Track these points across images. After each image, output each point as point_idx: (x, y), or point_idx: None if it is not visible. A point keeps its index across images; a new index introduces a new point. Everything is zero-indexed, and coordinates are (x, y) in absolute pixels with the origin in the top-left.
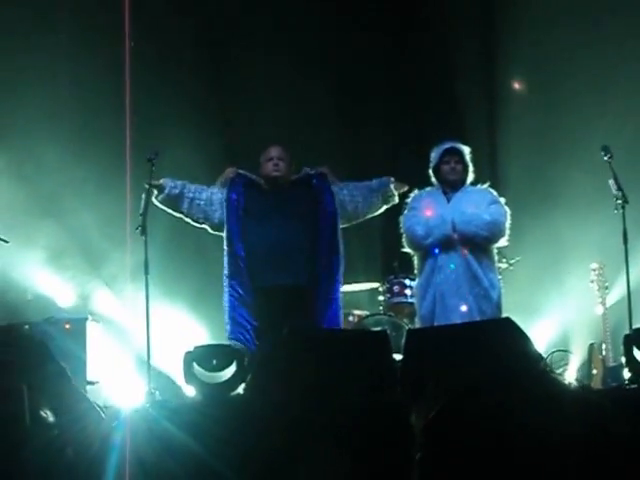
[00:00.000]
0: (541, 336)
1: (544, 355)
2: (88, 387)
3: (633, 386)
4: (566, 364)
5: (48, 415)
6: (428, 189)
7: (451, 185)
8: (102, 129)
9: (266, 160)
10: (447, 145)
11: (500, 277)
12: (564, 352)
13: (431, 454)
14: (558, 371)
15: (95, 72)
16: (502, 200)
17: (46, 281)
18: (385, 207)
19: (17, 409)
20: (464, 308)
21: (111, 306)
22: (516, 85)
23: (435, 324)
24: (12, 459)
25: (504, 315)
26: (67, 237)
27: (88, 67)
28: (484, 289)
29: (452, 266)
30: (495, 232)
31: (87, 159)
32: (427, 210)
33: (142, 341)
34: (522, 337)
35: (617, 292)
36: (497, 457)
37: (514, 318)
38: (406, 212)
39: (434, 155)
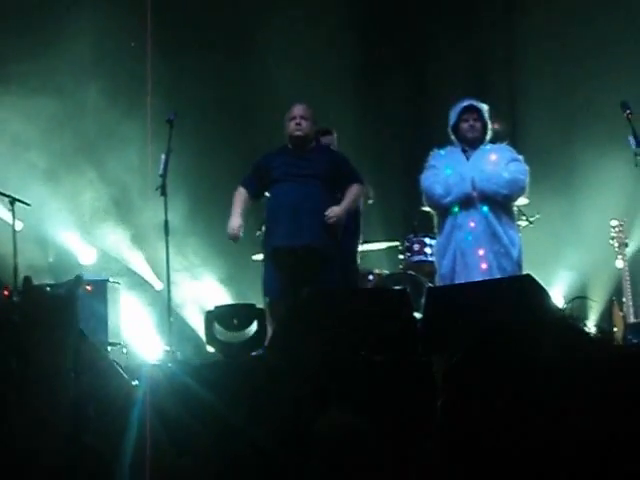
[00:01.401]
0: (561, 291)
1: (567, 310)
2: (110, 348)
3: None
4: (586, 315)
5: (71, 374)
6: (447, 148)
7: (470, 143)
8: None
9: (289, 119)
10: (466, 103)
11: (520, 234)
12: (585, 299)
13: (452, 399)
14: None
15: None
16: (521, 157)
17: (69, 239)
18: None
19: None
20: (484, 266)
21: (134, 263)
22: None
23: (455, 282)
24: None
25: (525, 272)
26: (98, 189)
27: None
28: (504, 246)
29: (472, 224)
30: (515, 190)
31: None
32: (446, 168)
33: (164, 300)
34: (543, 293)
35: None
36: (518, 400)
37: (534, 274)
38: (425, 170)
39: (452, 113)
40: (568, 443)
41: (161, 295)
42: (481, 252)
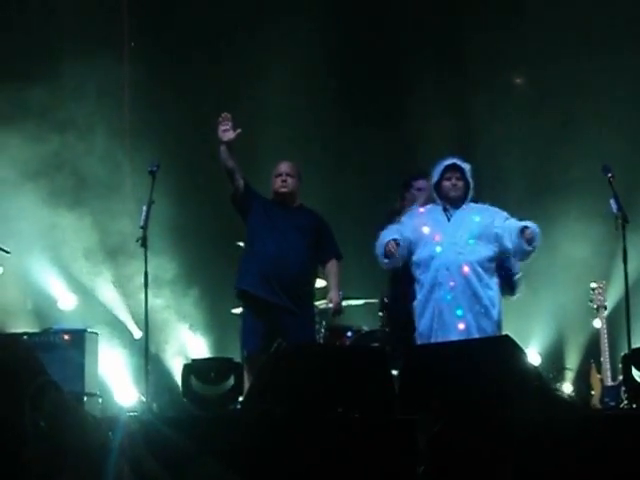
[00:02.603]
0: (539, 351)
1: (544, 371)
2: (86, 398)
3: (632, 406)
4: (563, 379)
5: (44, 426)
6: (428, 206)
7: (452, 202)
8: None
9: (275, 176)
10: (448, 162)
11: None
12: (567, 369)
13: (435, 467)
14: (556, 386)
15: None
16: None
17: (50, 285)
18: None
19: (18, 417)
20: (462, 326)
21: (115, 311)
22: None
23: (433, 341)
24: (13, 464)
25: (504, 332)
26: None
27: None
28: (484, 307)
29: (452, 283)
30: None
31: None
32: (424, 227)
33: (142, 349)
34: (521, 354)
35: (616, 312)
36: (500, 469)
37: (512, 334)
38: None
39: (435, 171)
40: None
41: (139, 344)
42: (459, 312)
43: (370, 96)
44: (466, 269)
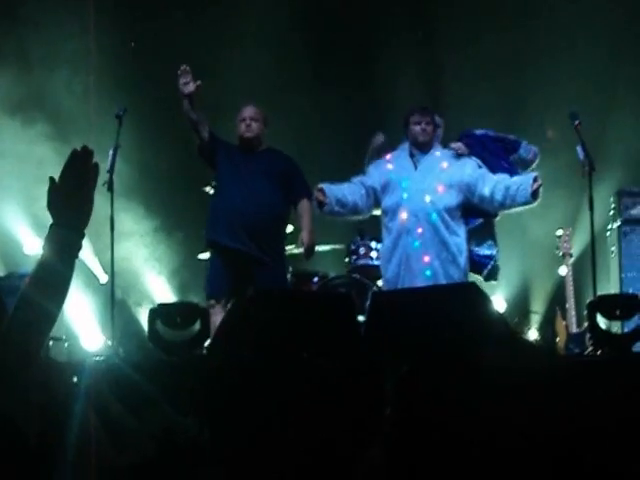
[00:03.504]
0: (504, 298)
1: (509, 318)
2: (52, 342)
3: (596, 353)
4: (529, 325)
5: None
6: (394, 153)
7: (420, 147)
8: None
9: (239, 121)
10: (418, 105)
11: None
12: (533, 313)
13: (402, 409)
14: (521, 333)
15: None
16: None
17: (15, 229)
18: None
19: None
20: (429, 273)
21: (81, 255)
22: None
23: (399, 287)
24: None
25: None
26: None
27: None
28: (452, 254)
29: (419, 230)
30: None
31: None
32: (390, 174)
33: (108, 294)
34: (486, 301)
35: (581, 259)
36: (464, 415)
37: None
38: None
39: (406, 114)
40: (513, 450)
41: (105, 289)
42: (427, 259)
43: (339, 45)
44: (434, 216)
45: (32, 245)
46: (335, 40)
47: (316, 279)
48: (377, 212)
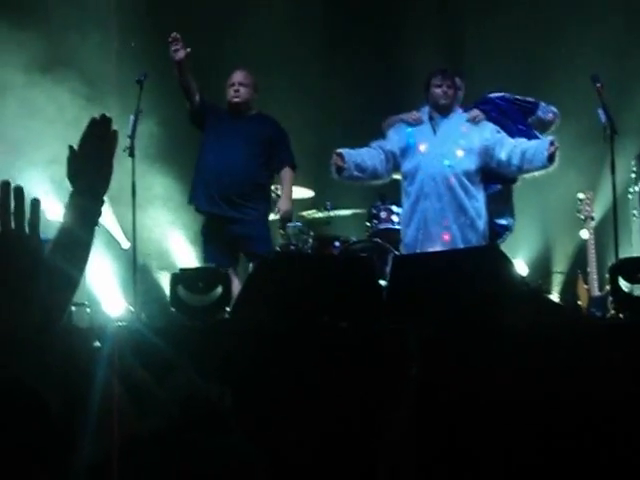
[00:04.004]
0: (526, 261)
1: (531, 279)
2: (74, 308)
3: (618, 316)
4: (550, 288)
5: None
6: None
7: (440, 109)
8: None
9: (228, 86)
10: (440, 68)
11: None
12: (556, 274)
13: (430, 367)
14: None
15: None
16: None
17: (36, 194)
18: None
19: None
20: (447, 237)
21: (102, 220)
22: None
23: (418, 251)
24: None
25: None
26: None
27: None
28: (470, 218)
29: (438, 194)
30: None
31: None
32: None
33: (130, 259)
34: (507, 263)
35: (603, 222)
36: (489, 375)
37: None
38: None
39: (427, 77)
40: (544, 411)
41: (128, 254)
42: (445, 223)
43: (359, 15)
44: (452, 180)
45: (54, 211)
46: (353, 8)
47: (337, 243)
48: (397, 176)
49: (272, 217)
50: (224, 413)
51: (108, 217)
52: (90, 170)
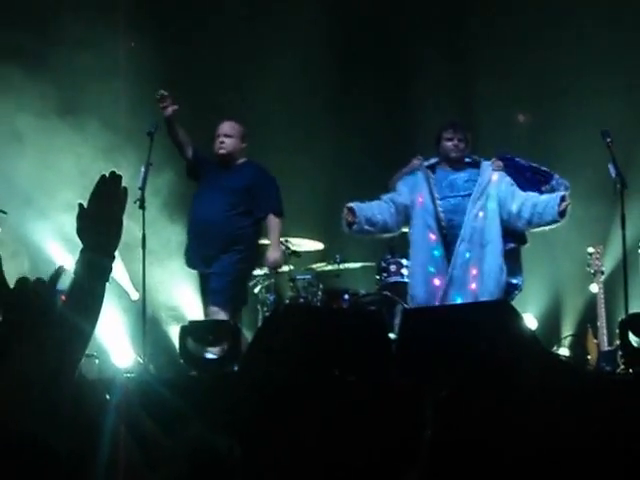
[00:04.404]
0: (534, 316)
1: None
2: (84, 360)
3: (628, 371)
4: (560, 343)
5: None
6: (417, 173)
7: (451, 162)
8: None
9: (215, 137)
10: (451, 120)
11: None
12: (573, 337)
13: (440, 432)
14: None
15: None
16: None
17: (47, 246)
18: None
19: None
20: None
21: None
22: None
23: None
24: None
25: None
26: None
27: None
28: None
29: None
30: None
31: None
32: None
33: (139, 310)
34: (518, 319)
35: (613, 276)
36: (505, 441)
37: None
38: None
39: (438, 129)
40: (554, 468)
41: (137, 305)
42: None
43: (371, 67)
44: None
45: (63, 261)
46: (367, 60)
47: (347, 296)
48: (407, 229)
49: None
50: (232, 465)
51: (117, 268)
52: (99, 227)
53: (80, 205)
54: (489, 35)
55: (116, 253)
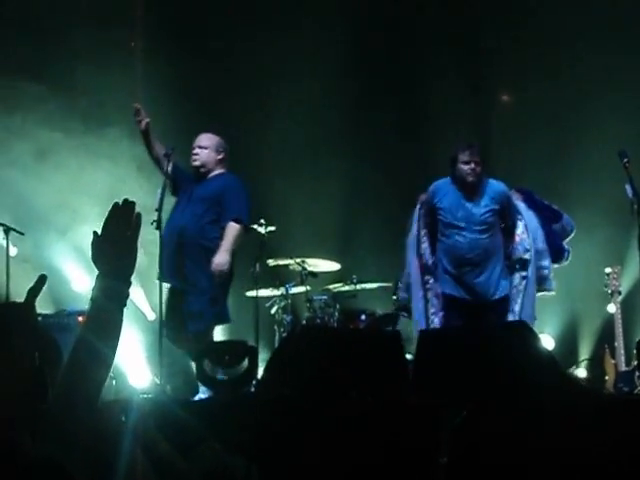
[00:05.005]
0: (552, 336)
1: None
2: None
3: None
4: (577, 365)
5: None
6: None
7: (467, 187)
8: None
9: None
10: (469, 143)
11: None
12: (589, 360)
13: (459, 458)
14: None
15: None
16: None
17: (64, 266)
18: None
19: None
20: None
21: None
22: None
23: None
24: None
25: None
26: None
27: None
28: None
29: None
30: None
31: None
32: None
33: (155, 331)
34: (536, 340)
35: (631, 297)
36: (524, 464)
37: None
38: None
39: (453, 152)
40: None
41: (153, 326)
42: None
43: (388, 83)
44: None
45: (80, 282)
46: (383, 82)
47: (363, 317)
48: None
49: None
50: None
51: (134, 289)
52: (115, 254)
53: (94, 233)
54: (505, 56)
55: (132, 282)
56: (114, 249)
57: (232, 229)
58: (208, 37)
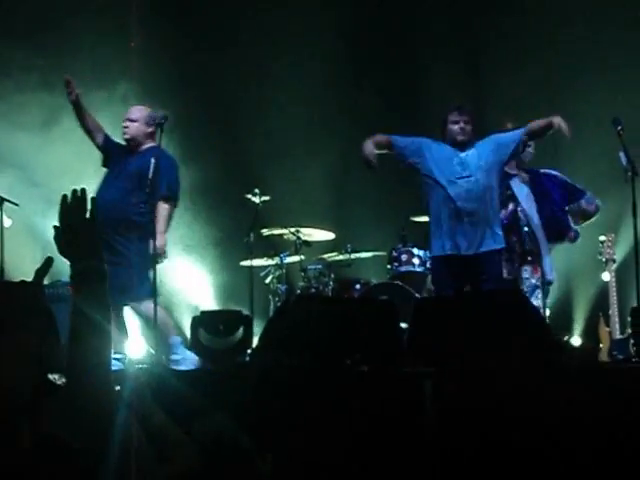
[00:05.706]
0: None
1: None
2: None
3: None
4: (571, 330)
5: (56, 379)
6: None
7: (458, 145)
8: None
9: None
10: (457, 104)
11: None
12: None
13: (442, 422)
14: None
15: None
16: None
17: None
18: None
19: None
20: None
21: None
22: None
23: None
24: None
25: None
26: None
27: None
28: None
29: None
30: None
31: None
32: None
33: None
34: (530, 307)
35: (625, 265)
36: (513, 426)
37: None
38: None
39: (444, 113)
40: (556, 456)
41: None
42: None
43: (383, 60)
44: None
45: None
46: (378, 58)
47: (358, 286)
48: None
49: None
50: (249, 456)
51: None
52: (77, 241)
53: (55, 227)
54: (500, 32)
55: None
56: (78, 237)
57: (162, 209)
58: (207, 20)
